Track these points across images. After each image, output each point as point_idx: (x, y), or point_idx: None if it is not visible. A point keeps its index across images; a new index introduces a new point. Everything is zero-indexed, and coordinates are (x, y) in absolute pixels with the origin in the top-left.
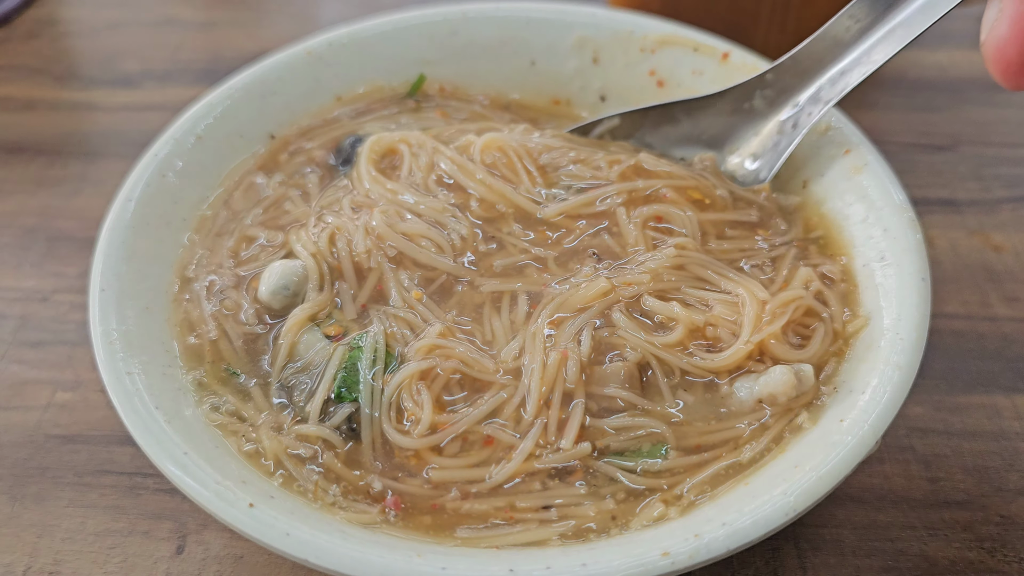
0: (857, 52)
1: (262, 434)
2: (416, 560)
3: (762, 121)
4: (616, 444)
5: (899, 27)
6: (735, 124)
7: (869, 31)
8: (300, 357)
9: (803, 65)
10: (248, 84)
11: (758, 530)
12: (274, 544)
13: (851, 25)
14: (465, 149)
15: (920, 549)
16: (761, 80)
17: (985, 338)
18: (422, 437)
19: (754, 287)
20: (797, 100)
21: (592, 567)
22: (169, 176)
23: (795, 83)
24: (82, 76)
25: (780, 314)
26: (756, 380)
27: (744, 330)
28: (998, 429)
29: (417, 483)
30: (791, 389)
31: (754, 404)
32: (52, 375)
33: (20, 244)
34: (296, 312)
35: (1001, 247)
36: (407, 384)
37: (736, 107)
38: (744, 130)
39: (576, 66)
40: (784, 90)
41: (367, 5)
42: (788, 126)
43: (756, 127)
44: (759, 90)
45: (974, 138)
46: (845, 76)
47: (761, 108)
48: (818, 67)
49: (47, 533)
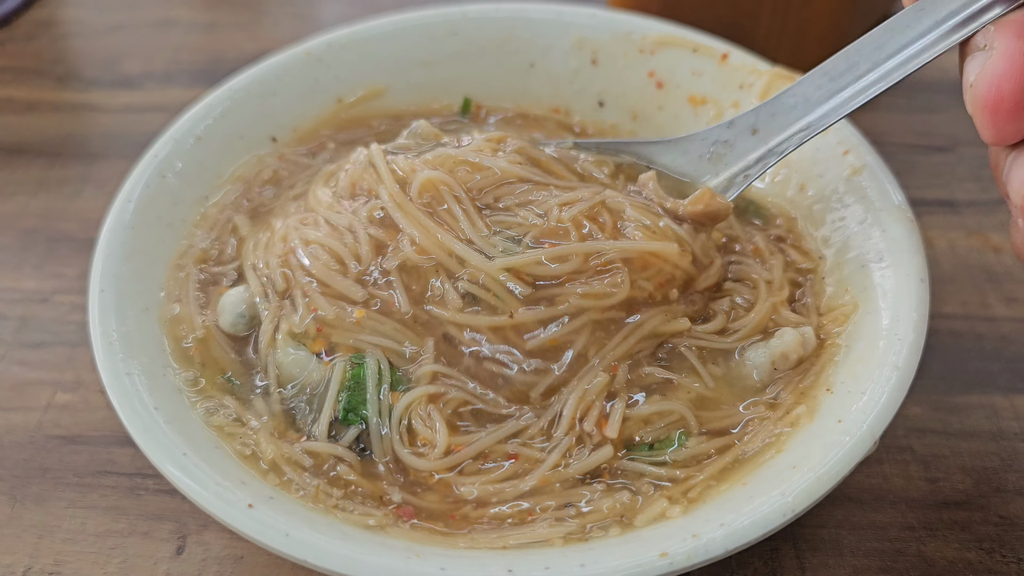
0: (818, 112)
1: (261, 439)
2: (415, 561)
3: (719, 169)
4: (650, 435)
5: (859, 91)
6: (697, 168)
7: (835, 93)
8: (295, 379)
9: (767, 124)
10: (248, 85)
11: (756, 531)
12: (273, 545)
13: (823, 83)
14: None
15: (918, 549)
16: (723, 133)
17: (984, 338)
18: (438, 460)
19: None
20: (753, 156)
21: (591, 568)
22: (169, 177)
23: (756, 139)
24: (83, 77)
25: (783, 285)
26: (767, 344)
27: (762, 297)
28: (997, 429)
29: (436, 498)
30: (799, 347)
31: (769, 367)
32: (53, 376)
33: (21, 245)
34: (265, 330)
35: (1000, 248)
36: (416, 406)
37: (699, 154)
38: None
39: (575, 67)
40: (738, 148)
41: (367, 6)
42: (739, 178)
43: (715, 172)
44: (716, 142)
45: (973, 139)
46: (800, 134)
47: (714, 161)
48: (781, 126)
49: (48, 534)
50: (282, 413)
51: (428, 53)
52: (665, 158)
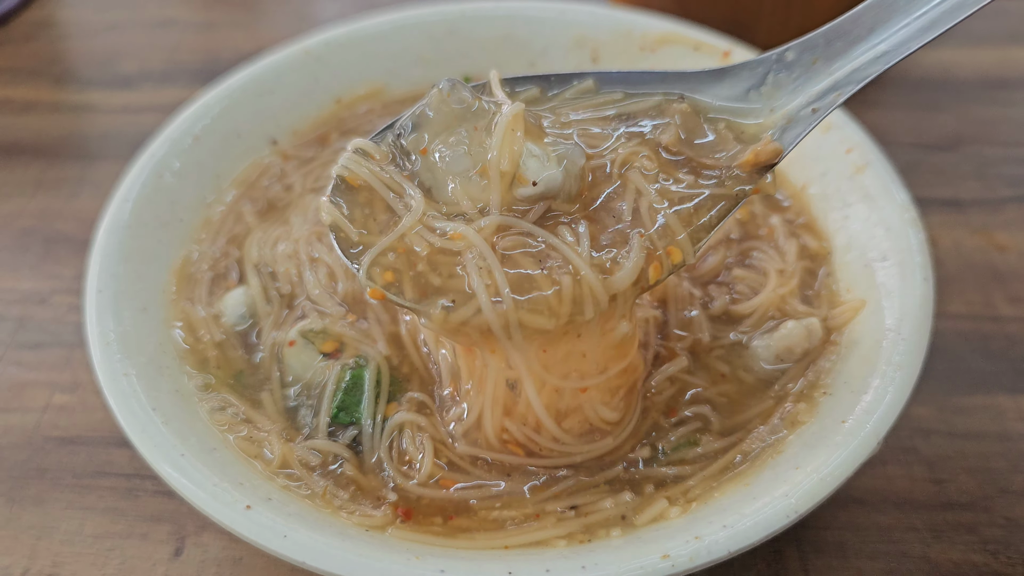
0: (895, 38)
1: (273, 437)
2: (414, 562)
3: (774, 103)
4: (674, 439)
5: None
6: (747, 103)
7: (911, 15)
8: (300, 378)
9: (833, 46)
10: (245, 84)
11: (759, 532)
12: (271, 546)
13: (895, 4)
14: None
15: (923, 551)
16: (780, 60)
17: (989, 338)
18: (423, 485)
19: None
20: (818, 86)
21: (592, 570)
22: (166, 177)
23: (817, 67)
24: (80, 78)
25: (792, 275)
26: (771, 336)
27: (769, 283)
28: (1002, 430)
29: (428, 501)
30: (804, 340)
31: (774, 359)
32: (50, 377)
33: (18, 246)
34: (267, 330)
35: (1005, 247)
36: (407, 427)
37: (745, 89)
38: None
39: (575, 65)
40: (803, 73)
41: (364, 3)
42: (804, 112)
43: (769, 107)
44: (773, 72)
45: (977, 137)
46: (878, 63)
47: (768, 95)
48: (848, 49)
49: (46, 535)
50: (286, 411)
51: (427, 51)
52: (706, 93)
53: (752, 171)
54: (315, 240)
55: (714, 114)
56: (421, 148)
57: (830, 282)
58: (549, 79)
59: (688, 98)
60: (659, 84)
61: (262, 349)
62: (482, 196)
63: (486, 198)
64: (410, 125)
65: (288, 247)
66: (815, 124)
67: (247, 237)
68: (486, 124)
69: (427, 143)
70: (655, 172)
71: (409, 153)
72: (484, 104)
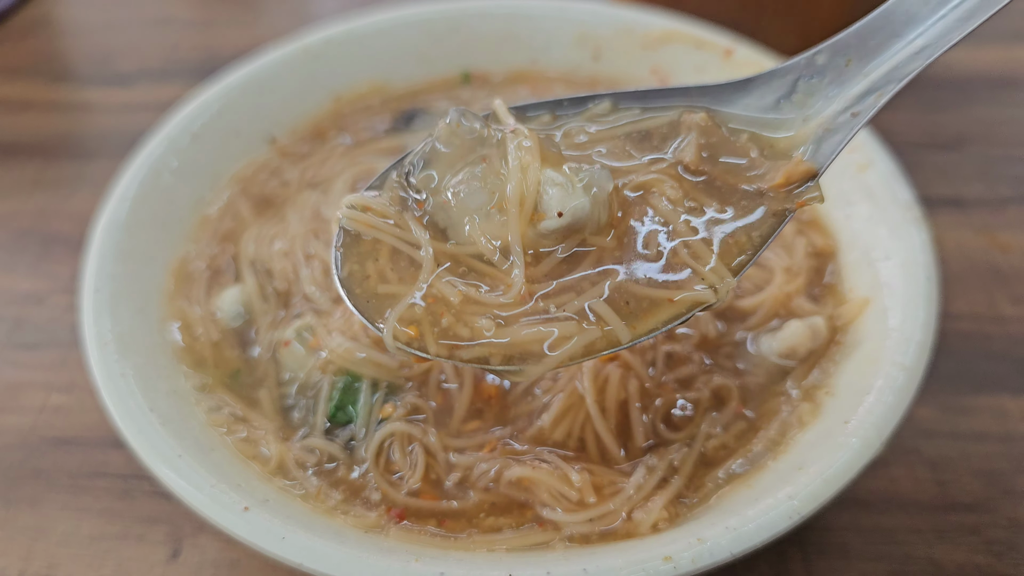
0: (934, 30)
1: (269, 436)
2: (413, 564)
3: (807, 112)
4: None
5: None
6: (778, 113)
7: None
8: (297, 377)
9: (867, 45)
10: (244, 82)
11: (762, 534)
12: (270, 548)
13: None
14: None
15: (927, 553)
16: (810, 65)
17: (992, 339)
18: (410, 497)
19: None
20: (854, 89)
21: (593, 573)
22: (164, 175)
23: (851, 69)
24: (78, 76)
25: (799, 272)
26: (775, 336)
27: (775, 280)
28: (1006, 431)
29: (422, 502)
30: (808, 340)
31: (778, 358)
32: (46, 377)
33: (15, 246)
34: (263, 328)
35: (1008, 247)
36: (398, 437)
37: (775, 100)
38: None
39: (577, 63)
40: (837, 77)
41: (361, 0)
42: (843, 117)
43: (802, 117)
44: (804, 79)
45: (981, 137)
46: (919, 59)
47: (800, 104)
48: (884, 47)
49: (41, 536)
50: (283, 409)
51: (427, 48)
52: (733, 106)
53: (786, 191)
54: (312, 237)
55: (735, 124)
56: (432, 186)
57: (836, 280)
58: (562, 103)
59: (714, 112)
60: (681, 99)
61: (259, 348)
62: (501, 233)
63: (505, 235)
64: (420, 163)
65: (284, 244)
66: (858, 129)
67: (243, 234)
68: (501, 152)
69: (438, 181)
70: (680, 197)
71: (420, 191)
72: (495, 132)
